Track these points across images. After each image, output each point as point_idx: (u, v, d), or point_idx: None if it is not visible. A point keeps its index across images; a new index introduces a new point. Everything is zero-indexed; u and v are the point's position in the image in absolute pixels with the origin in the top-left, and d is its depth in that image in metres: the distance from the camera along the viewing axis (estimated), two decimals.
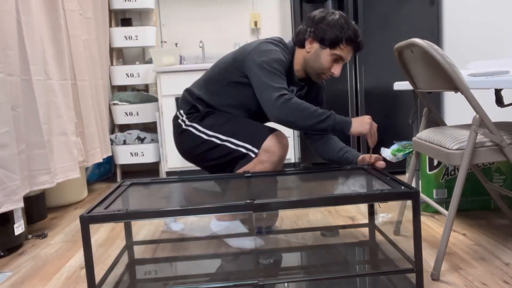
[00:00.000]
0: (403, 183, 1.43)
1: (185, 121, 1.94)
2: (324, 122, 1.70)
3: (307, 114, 1.69)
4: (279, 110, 1.70)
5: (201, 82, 1.97)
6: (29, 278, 1.76)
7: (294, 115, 1.70)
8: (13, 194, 1.94)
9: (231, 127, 1.86)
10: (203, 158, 1.91)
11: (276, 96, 1.70)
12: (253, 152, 1.80)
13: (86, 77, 2.84)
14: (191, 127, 1.91)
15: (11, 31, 2.02)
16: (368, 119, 1.73)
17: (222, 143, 1.85)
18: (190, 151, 1.93)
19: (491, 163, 2.26)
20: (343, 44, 1.79)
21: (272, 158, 1.79)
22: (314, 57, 1.83)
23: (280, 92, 1.71)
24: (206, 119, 1.90)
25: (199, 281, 1.61)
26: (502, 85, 1.45)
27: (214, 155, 1.87)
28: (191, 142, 1.91)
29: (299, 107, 1.69)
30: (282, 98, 1.70)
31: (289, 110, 1.69)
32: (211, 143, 1.86)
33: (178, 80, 3.33)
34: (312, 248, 1.88)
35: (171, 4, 3.86)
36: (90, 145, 2.85)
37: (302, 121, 1.70)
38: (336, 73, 1.84)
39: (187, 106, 1.95)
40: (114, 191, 1.59)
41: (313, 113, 1.70)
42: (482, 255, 1.73)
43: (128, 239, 1.81)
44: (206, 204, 1.32)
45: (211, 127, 1.87)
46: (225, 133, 1.85)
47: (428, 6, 3.17)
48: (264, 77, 1.74)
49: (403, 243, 1.89)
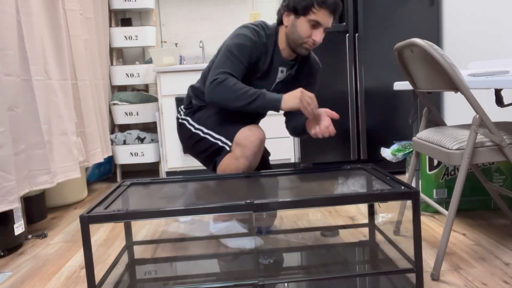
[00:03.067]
0: (403, 183, 1.43)
1: (182, 115, 2.02)
2: (254, 103, 1.71)
3: (238, 95, 1.71)
4: (211, 92, 1.74)
5: (201, 77, 2.03)
6: (29, 278, 1.76)
7: (225, 97, 1.72)
8: (8, 194, 1.94)
9: (213, 120, 1.91)
10: (195, 151, 1.98)
11: (211, 80, 1.75)
12: (227, 145, 1.83)
13: (86, 77, 2.84)
14: (185, 121, 1.99)
15: (11, 31, 2.02)
16: (298, 92, 1.70)
17: (204, 136, 1.91)
18: (185, 143, 2.02)
19: (491, 163, 2.26)
20: (315, 8, 1.76)
21: (245, 152, 1.78)
22: (292, 29, 1.82)
23: (218, 76, 1.75)
24: (197, 113, 1.97)
25: (199, 281, 1.61)
26: (502, 85, 1.45)
27: (200, 147, 1.93)
28: (184, 134, 1.99)
29: (230, 89, 1.72)
30: (215, 81, 1.74)
31: (220, 92, 1.73)
32: (197, 136, 1.93)
33: (178, 80, 3.33)
34: (312, 248, 1.88)
35: (171, 4, 3.86)
36: (91, 145, 2.85)
37: (232, 102, 1.72)
38: (317, 40, 1.80)
39: (187, 101, 2.04)
40: (114, 191, 1.59)
41: (243, 94, 1.71)
42: (482, 255, 1.73)
43: (128, 239, 1.81)
44: (206, 204, 1.32)
45: (198, 120, 1.95)
46: (207, 126, 1.91)
47: (428, 6, 3.17)
48: (217, 60, 1.80)
49: (403, 243, 1.89)
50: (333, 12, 1.80)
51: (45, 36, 2.36)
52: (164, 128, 3.39)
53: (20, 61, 2.10)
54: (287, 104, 1.70)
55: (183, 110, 2.03)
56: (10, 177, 1.94)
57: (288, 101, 1.70)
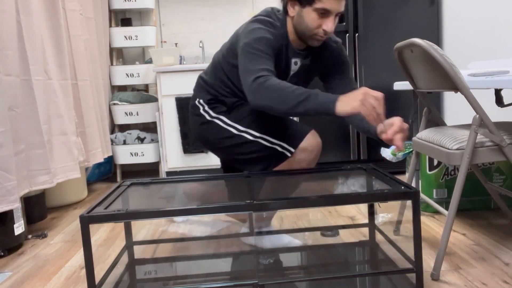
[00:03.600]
0: (403, 183, 1.43)
1: (209, 112, 1.84)
2: (302, 105, 1.44)
3: (283, 97, 1.46)
4: (254, 96, 1.51)
5: (210, 68, 1.88)
6: (29, 278, 1.76)
7: (269, 99, 1.48)
8: (8, 194, 1.93)
9: (265, 123, 1.77)
10: (230, 152, 1.83)
11: (251, 80, 1.52)
12: (289, 152, 1.75)
13: (87, 77, 2.84)
14: (218, 119, 1.82)
15: (11, 31, 2.02)
16: (361, 94, 1.37)
17: (255, 139, 1.77)
18: (215, 143, 1.85)
19: (491, 163, 2.26)
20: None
21: (310, 157, 1.76)
22: (299, 20, 1.65)
23: (256, 74, 1.52)
24: (234, 112, 1.81)
25: (199, 281, 1.61)
26: (502, 85, 1.45)
27: (244, 149, 1.79)
28: (218, 134, 1.82)
29: (275, 88, 1.48)
30: (256, 82, 1.51)
31: (264, 94, 1.49)
32: (242, 138, 1.78)
33: (178, 80, 3.33)
34: (312, 248, 1.88)
35: (171, 4, 3.86)
36: (91, 145, 2.86)
37: (278, 105, 1.48)
38: (329, 29, 1.60)
39: (207, 95, 1.86)
40: (114, 191, 1.59)
41: (290, 95, 1.46)
42: (482, 255, 1.73)
43: (128, 239, 1.81)
44: (206, 204, 1.32)
45: (240, 122, 1.78)
46: (258, 129, 1.77)
47: (428, 6, 3.17)
48: (243, 60, 1.59)
49: (403, 243, 1.89)
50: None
51: (45, 36, 2.36)
52: (164, 128, 3.39)
53: (20, 61, 2.10)
54: (344, 108, 1.40)
55: (207, 106, 1.84)
56: (11, 177, 1.94)
57: (345, 103, 1.40)
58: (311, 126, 1.85)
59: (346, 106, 1.39)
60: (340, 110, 1.40)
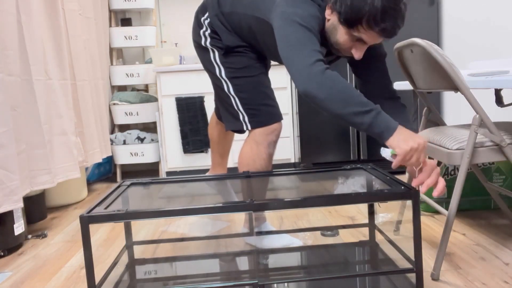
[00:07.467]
0: (403, 183, 1.43)
1: (207, 38, 1.77)
2: (360, 116, 1.27)
3: (346, 97, 1.28)
4: (309, 81, 1.30)
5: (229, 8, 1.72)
6: (29, 278, 1.76)
7: (328, 93, 1.28)
8: (12, 194, 1.93)
9: (244, 86, 1.72)
10: (212, 83, 1.85)
11: (309, 64, 1.31)
12: (246, 127, 1.75)
13: (86, 77, 2.84)
14: (211, 51, 1.78)
15: (11, 31, 2.02)
16: (415, 140, 1.27)
17: (229, 93, 1.75)
18: (203, 64, 1.86)
19: (491, 163, 2.26)
20: (364, 27, 1.36)
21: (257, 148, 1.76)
22: (331, 29, 1.46)
23: (314, 57, 1.32)
24: (230, 56, 1.74)
25: (199, 281, 1.61)
26: (502, 85, 1.45)
27: (219, 93, 1.81)
28: (206, 62, 1.81)
29: (337, 83, 1.29)
30: (316, 66, 1.30)
31: (324, 84, 1.29)
32: (220, 82, 1.77)
33: (178, 80, 3.33)
34: (312, 248, 1.88)
35: (171, 4, 3.86)
36: (89, 145, 2.86)
37: (335, 103, 1.28)
38: (357, 56, 1.45)
39: (216, 21, 1.73)
40: (114, 191, 1.59)
41: (354, 99, 1.28)
42: (482, 255, 1.73)
43: (128, 239, 1.81)
44: (206, 204, 1.32)
45: (227, 69, 1.74)
46: (236, 87, 1.73)
47: (428, 6, 3.17)
48: (294, 34, 1.36)
49: (403, 243, 1.89)
50: (386, 37, 1.42)
51: (45, 36, 2.36)
52: (164, 128, 3.39)
53: (21, 61, 2.10)
54: (394, 143, 1.28)
55: (209, 29, 1.74)
56: (14, 176, 1.94)
57: (400, 139, 1.28)
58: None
59: (396, 142, 1.28)
60: (390, 142, 1.29)
